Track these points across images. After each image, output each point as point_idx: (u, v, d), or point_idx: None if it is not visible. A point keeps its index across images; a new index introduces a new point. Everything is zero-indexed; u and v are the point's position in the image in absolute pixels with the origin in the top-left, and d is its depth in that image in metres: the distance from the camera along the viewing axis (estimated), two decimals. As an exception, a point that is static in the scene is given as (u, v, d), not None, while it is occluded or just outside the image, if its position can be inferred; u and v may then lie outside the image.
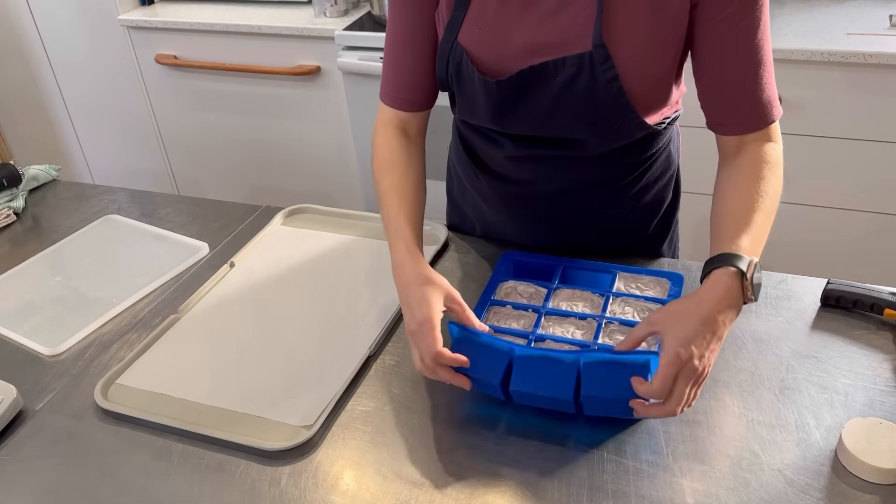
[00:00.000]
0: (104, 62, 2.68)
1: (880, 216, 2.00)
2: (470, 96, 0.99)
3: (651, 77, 0.93)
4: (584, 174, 1.06)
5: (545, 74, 0.92)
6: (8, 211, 1.40)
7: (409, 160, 1.03)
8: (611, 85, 0.90)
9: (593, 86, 0.91)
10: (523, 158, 1.05)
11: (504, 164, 1.08)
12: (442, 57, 0.98)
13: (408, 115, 1.05)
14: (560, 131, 0.98)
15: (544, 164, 1.05)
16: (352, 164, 2.52)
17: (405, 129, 1.06)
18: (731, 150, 0.95)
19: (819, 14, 2.02)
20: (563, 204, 1.10)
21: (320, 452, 0.87)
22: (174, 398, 0.96)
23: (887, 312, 0.98)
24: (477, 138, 1.09)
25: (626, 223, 1.14)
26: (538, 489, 0.80)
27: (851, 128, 1.91)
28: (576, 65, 0.90)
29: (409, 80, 1.03)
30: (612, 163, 1.05)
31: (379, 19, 2.27)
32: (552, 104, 0.94)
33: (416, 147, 1.06)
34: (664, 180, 1.13)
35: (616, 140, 1.00)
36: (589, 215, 1.12)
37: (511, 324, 0.99)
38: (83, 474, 0.87)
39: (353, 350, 1.00)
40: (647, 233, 1.16)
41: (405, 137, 1.05)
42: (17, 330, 1.11)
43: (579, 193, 1.09)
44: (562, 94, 0.93)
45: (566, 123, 0.96)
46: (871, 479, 0.78)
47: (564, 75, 0.91)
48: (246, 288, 1.15)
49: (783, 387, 0.91)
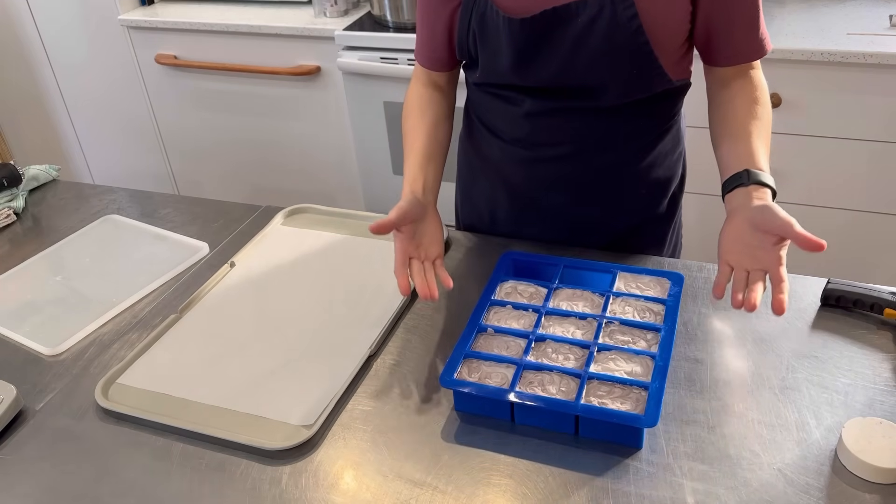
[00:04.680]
0: (104, 62, 2.68)
1: (880, 216, 2.00)
2: (493, 48, 1.03)
3: (668, 18, 0.96)
4: (600, 131, 1.08)
5: (568, 14, 0.96)
6: (8, 211, 1.40)
7: (430, 103, 1.13)
8: (630, 23, 0.94)
9: (614, 25, 0.94)
10: (541, 114, 1.07)
11: (521, 124, 1.09)
12: (465, 12, 1.03)
13: (437, 74, 1.15)
14: (580, 78, 1.01)
15: (561, 119, 1.07)
16: (352, 163, 2.52)
17: (435, 81, 1.15)
18: (728, 77, 1.04)
19: (819, 14, 2.02)
20: (578, 169, 1.11)
21: (321, 452, 0.87)
22: (174, 398, 0.96)
23: (887, 312, 0.98)
24: (494, 103, 1.11)
25: (636, 200, 1.16)
26: (538, 489, 0.80)
27: (851, 128, 1.91)
28: (597, 4, 0.94)
29: (438, 39, 1.09)
30: (627, 120, 1.07)
31: (379, 19, 2.27)
32: (573, 47, 0.97)
33: (443, 94, 1.16)
34: (673, 157, 1.15)
35: (634, 89, 1.03)
36: (601, 187, 1.13)
37: (511, 324, 0.99)
38: (83, 474, 0.87)
39: (353, 350, 1.00)
40: (655, 213, 1.18)
41: (433, 87, 1.15)
42: (17, 330, 1.11)
43: (594, 156, 1.10)
44: (583, 36, 0.96)
45: (586, 68, 0.99)
46: (871, 478, 0.78)
47: (586, 15, 0.95)
48: (246, 288, 1.15)
49: (783, 386, 0.91)
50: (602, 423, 0.84)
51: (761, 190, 0.91)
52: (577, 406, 0.84)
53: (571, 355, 0.93)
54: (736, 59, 1.02)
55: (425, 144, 1.09)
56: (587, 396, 0.86)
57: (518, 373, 0.90)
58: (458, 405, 0.91)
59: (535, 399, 0.86)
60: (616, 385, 0.88)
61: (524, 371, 0.91)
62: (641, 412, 0.83)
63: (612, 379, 0.88)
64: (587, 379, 0.88)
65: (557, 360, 0.92)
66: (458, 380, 0.90)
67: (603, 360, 0.92)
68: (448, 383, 0.89)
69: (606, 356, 0.92)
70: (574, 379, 0.89)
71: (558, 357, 0.93)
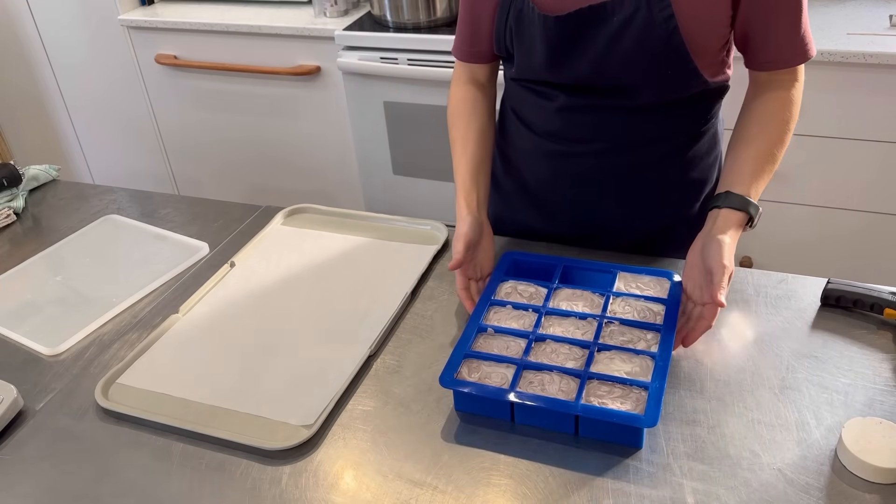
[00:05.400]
0: (104, 62, 2.68)
1: (880, 216, 2.00)
2: (528, 44, 1.03)
3: (705, 20, 0.95)
4: (633, 130, 1.07)
5: (603, 13, 0.95)
6: (8, 211, 1.40)
7: (475, 108, 1.15)
8: (667, 23, 0.93)
9: (649, 25, 0.94)
10: (575, 109, 1.07)
11: (555, 118, 1.09)
12: (503, 7, 1.03)
13: (478, 67, 1.16)
14: (614, 77, 1.01)
15: (595, 115, 1.06)
16: (352, 163, 2.52)
17: (476, 79, 1.17)
18: (763, 81, 1.03)
19: (819, 14, 2.02)
20: (609, 166, 1.11)
21: (321, 452, 0.87)
22: (174, 398, 0.96)
23: (887, 312, 0.98)
24: (529, 97, 1.11)
25: (667, 203, 1.15)
26: (538, 489, 0.80)
27: (851, 128, 1.91)
28: (633, 4, 0.94)
29: (479, 33, 1.10)
30: (662, 121, 1.06)
31: (379, 19, 2.27)
32: (607, 45, 0.97)
33: (485, 93, 1.17)
34: (710, 159, 1.14)
35: (669, 90, 1.03)
36: (631, 186, 1.13)
37: (511, 324, 0.99)
38: (83, 474, 0.87)
39: (353, 350, 1.00)
40: (686, 215, 1.16)
41: (474, 86, 1.17)
42: (17, 330, 1.11)
43: (627, 155, 1.09)
44: (618, 35, 0.96)
45: (620, 67, 0.99)
46: (871, 478, 0.78)
47: (622, 15, 0.94)
48: (246, 288, 1.15)
49: (783, 386, 0.91)
50: (602, 423, 0.84)
51: (733, 216, 0.95)
52: (577, 406, 0.84)
53: (571, 355, 0.93)
54: (773, 64, 1.00)
55: (475, 154, 1.11)
56: (587, 396, 0.86)
57: (518, 373, 0.90)
58: (458, 405, 0.91)
59: (535, 399, 0.86)
60: (616, 385, 0.88)
61: (524, 371, 0.91)
62: (641, 412, 0.83)
63: (612, 379, 0.88)
64: (587, 379, 0.88)
65: (557, 360, 0.92)
66: (458, 380, 0.90)
67: (603, 360, 0.92)
68: (448, 383, 0.89)
69: (606, 356, 0.92)
70: (574, 379, 0.89)
71: (558, 357, 0.93)
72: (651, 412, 0.82)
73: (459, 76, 1.19)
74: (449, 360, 0.92)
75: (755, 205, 0.96)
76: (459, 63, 1.18)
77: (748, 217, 0.96)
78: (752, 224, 0.97)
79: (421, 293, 1.12)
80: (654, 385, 0.86)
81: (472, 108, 1.15)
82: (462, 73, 1.18)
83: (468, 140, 1.12)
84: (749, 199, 0.96)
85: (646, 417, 0.82)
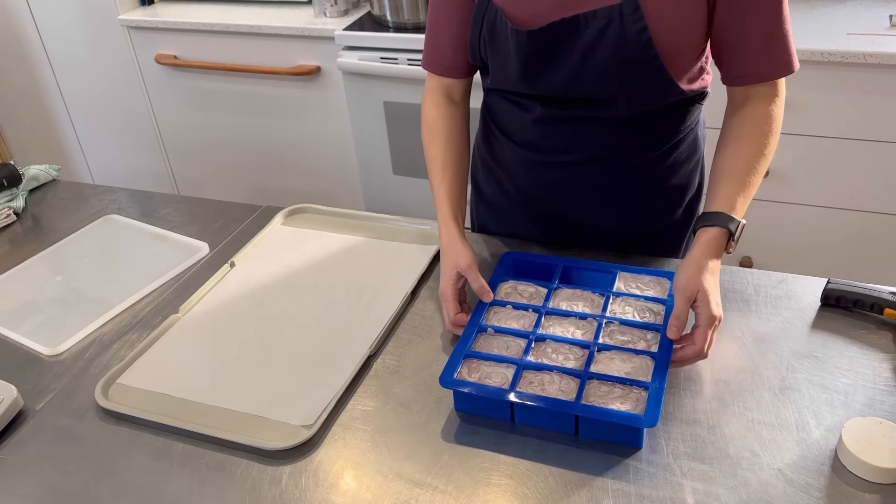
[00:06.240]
0: (104, 62, 2.68)
1: (880, 216, 2.00)
2: (502, 56, 1.02)
3: (679, 31, 0.95)
4: (611, 140, 1.06)
5: (576, 26, 0.95)
6: (8, 211, 1.40)
7: (453, 127, 1.14)
8: (640, 36, 0.92)
9: (623, 38, 0.93)
10: (552, 121, 1.06)
11: (532, 129, 1.09)
12: (476, 19, 1.02)
13: (451, 82, 1.14)
14: (589, 89, 1.00)
15: (572, 127, 1.06)
16: (352, 163, 2.52)
17: (450, 94, 1.15)
18: (741, 99, 1.01)
19: (819, 14, 2.03)
20: (589, 176, 1.10)
21: (321, 452, 0.87)
22: (174, 398, 0.96)
23: (887, 312, 0.98)
24: (506, 107, 1.11)
25: (649, 209, 1.15)
26: (538, 489, 0.80)
27: (851, 128, 1.91)
28: (606, 17, 0.93)
29: (450, 46, 1.10)
30: (640, 130, 1.06)
31: (379, 19, 2.27)
32: (581, 59, 0.96)
33: (460, 111, 1.16)
34: (691, 164, 1.14)
35: (645, 101, 1.01)
36: (612, 194, 1.12)
37: (511, 324, 0.99)
38: (83, 474, 0.87)
39: (353, 350, 1.00)
40: (669, 221, 1.17)
41: (450, 103, 1.15)
42: (17, 330, 1.11)
43: (606, 164, 1.09)
44: (591, 48, 0.95)
45: (595, 79, 0.98)
46: (870, 478, 0.78)
47: (594, 28, 0.94)
48: (246, 288, 1.15)
49: (783, 386, 0.91)
50: (602, 423, 0.84)
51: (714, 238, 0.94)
52: (577, 406, 0.84)
53: (571, 355, 0.93)
54: (751, 77, 0.98)
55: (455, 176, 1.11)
56: (587, 396, 0.86)
57: (518, 373, 0.90)
58: (458, 405, 0.91)
59: (535, 399, 0.86)
60: (616, 385, 0.88)
61: (524, 371, 0.91)
62: (641, 412, 0.83)
63: (612, 379, 0.88)
64: (587, 379, 0.88)
65: (557, 360, 0.92)
66: (458, 380, 0.90)
67: (603, 360, 0.92)
68: (448, 383, 0.89)
69: (606, 356, 0.92)
70: (574, 379, 0.89)
71: (558, 357, 0.93)
72: (651, 412, 0.82)
73: (434, 90, 1.16)
74: (449, 360, 0.92)
75: (736, 221, 0.95)
76: (433, 76, 1.15)
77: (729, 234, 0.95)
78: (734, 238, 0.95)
79: (421, 293, 1.12)
80: (654, 385, 0.86)
81: (449, 127, 1.14)
82: (437, 88, 1.15)
83: (447, 168, 1.11)
84: (732, 217, 0.95)
85: (646, 417, 0.82)
